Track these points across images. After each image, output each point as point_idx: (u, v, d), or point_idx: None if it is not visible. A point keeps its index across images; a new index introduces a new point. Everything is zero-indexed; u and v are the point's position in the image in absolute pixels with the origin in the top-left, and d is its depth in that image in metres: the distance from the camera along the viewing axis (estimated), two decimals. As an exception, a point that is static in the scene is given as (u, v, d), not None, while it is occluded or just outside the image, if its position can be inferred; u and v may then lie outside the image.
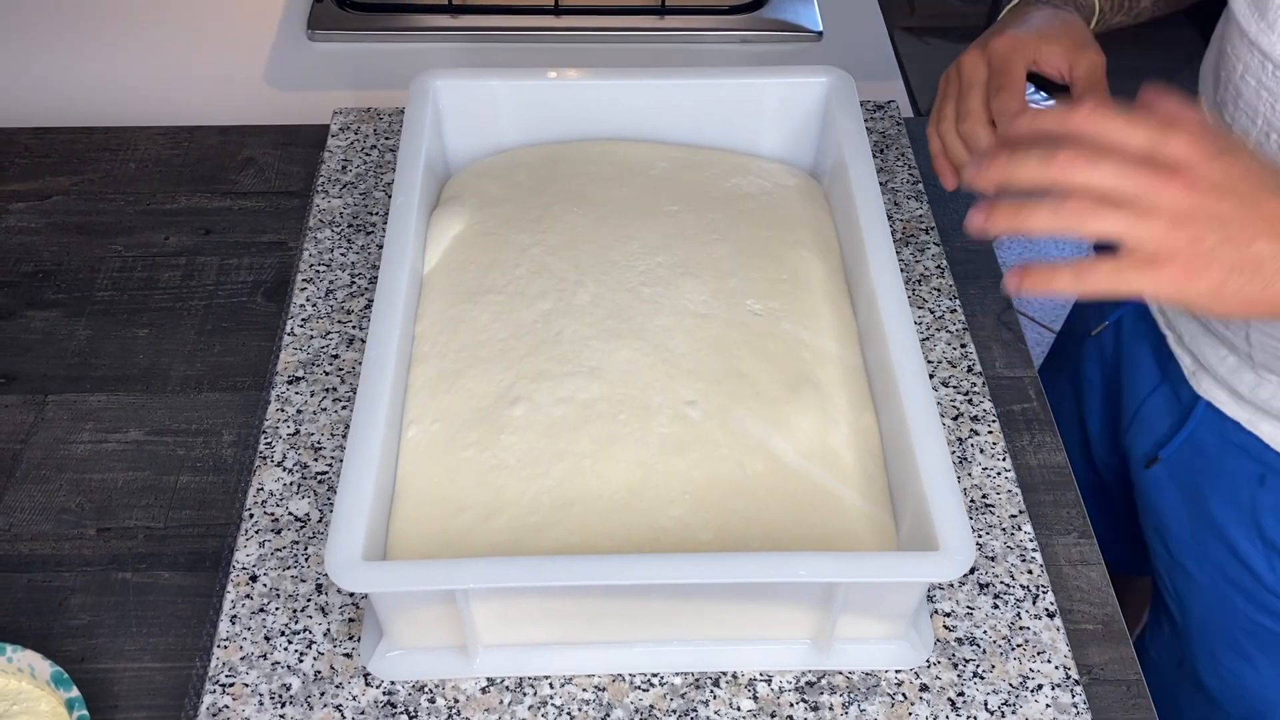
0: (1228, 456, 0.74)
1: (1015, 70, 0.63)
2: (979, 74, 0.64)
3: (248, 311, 0.78)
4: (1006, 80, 0.63)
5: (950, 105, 0.66)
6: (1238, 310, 0.49)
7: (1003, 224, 0.49)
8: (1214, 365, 0.73)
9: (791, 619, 0.58)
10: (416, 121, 0.73)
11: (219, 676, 0.59)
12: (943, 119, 0.66)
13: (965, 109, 0.64)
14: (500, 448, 0.61)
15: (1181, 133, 0.47)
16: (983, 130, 0.63)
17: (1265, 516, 0.73)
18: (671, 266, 0.70)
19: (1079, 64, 0.64)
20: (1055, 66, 0.64)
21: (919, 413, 0.58)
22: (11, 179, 0.87)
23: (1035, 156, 0.48)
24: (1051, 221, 0.48)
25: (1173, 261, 0.47)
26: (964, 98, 0.64)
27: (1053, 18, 0.66)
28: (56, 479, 0.69)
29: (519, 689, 0.59)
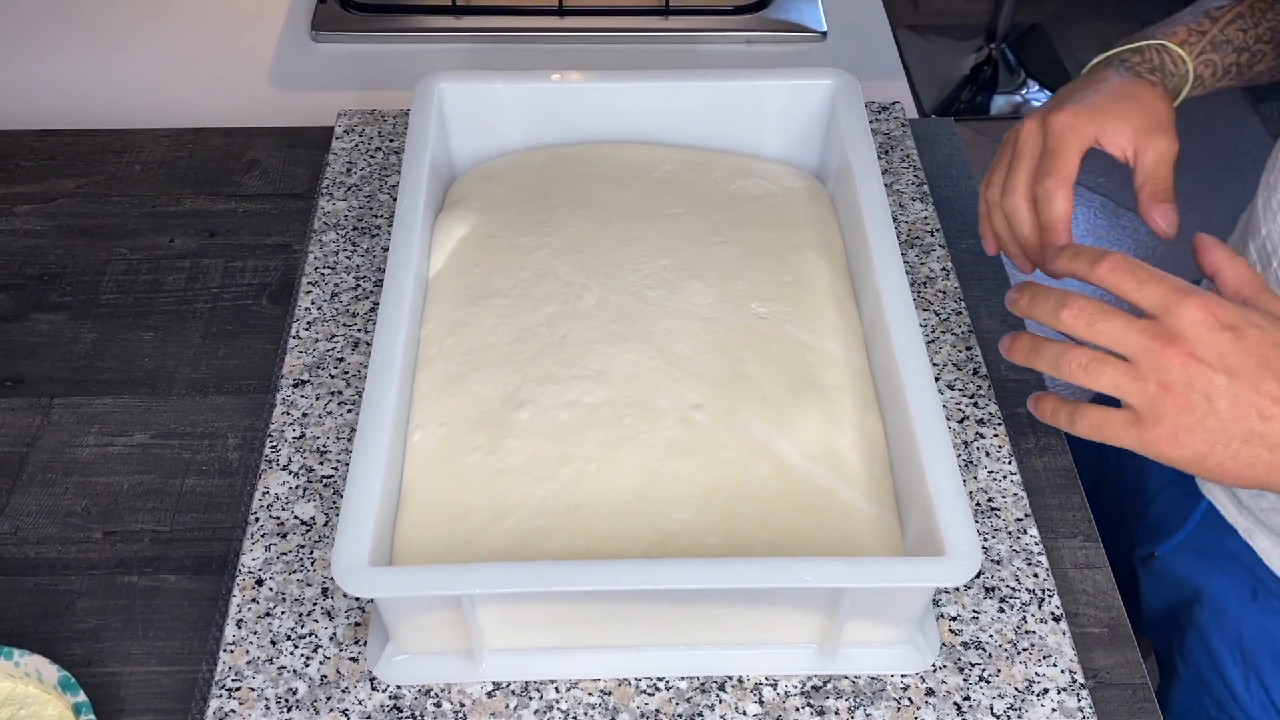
0: (1222, 565, 0.73)
1: (1067, 155, 0.61)
2: (1032, 147, 0.62)
3: (253, 314, 0.78)
4: (1054, 165, 0.61)
5: (1000, 173, 0.64)
6: (1220, 481, 0.51)
7: (1019, 356, 0.54)
8: None
9: (797, 623, 0.58)
10: (421, 124, 0.73)
11: (225, 680, 0.59)
12: (990, 185, 0.65)
13: (1011, 183, 0.63)
14: (506, 452, 0.61)
15: (1194, 301, 0.49)
16: (1024, 208, 0.62)
17: (1248, 633, 0.72)
18: (676, 269, 0.70)
19: (1146, 150, 0.61)
20: (1120, 148, 0.62)
21: (925, 416, 0.58)
22: (17, 181, 0.87)
23: (1052, 301, 0.52)
24: (1054, 370, 0.52)
25: (1159, 425, 0.50)
26: (1012, 169, 0.63)
27: (1128, 91, 0.63)
28: (62, 482, 0.69)
29: (525, 693, 0.59)
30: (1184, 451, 0.50)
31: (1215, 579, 0.74)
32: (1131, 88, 0.63)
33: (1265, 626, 0.71)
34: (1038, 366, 0.53)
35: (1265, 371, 0.48)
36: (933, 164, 0.89)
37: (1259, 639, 0.71)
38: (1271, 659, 0.71)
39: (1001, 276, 0.81)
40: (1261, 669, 0.72)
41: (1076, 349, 0.51)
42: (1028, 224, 0.62)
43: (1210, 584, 0.74)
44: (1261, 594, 0.71)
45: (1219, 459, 0.49)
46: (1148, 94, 0.63)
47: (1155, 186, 0.61)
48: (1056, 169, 0.61)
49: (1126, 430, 0.51)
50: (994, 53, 2.39)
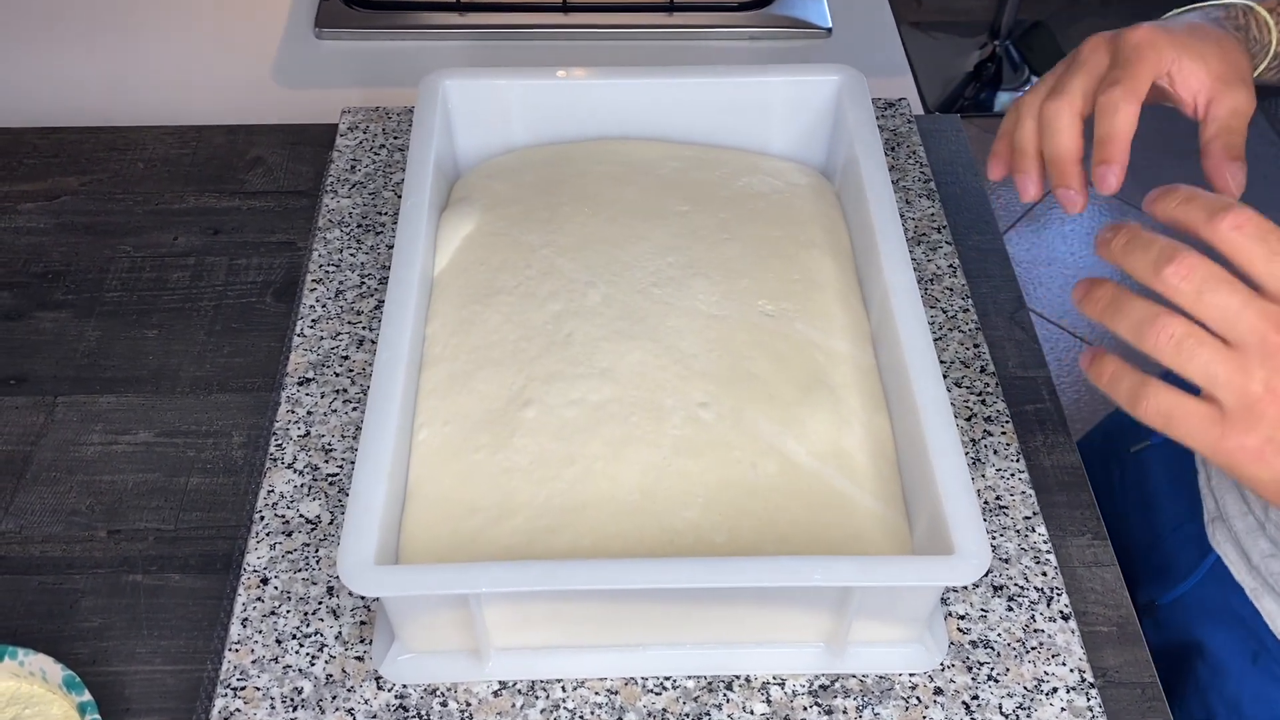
0: (1225, 623, 0.70)
1: (1141, 69, 0.51)
2: (1097, 59, 0.53)
3: (257, 312, 0.78)
4: (1126, 75, 0.51)
5: (1050, 80, 0.54)
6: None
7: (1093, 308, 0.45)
8: (1232, 520, 0.68)
9: (805, 622, 0.58)
10: (426, 122, 0.73)
11: (230, 680, 0.59)
12: (1034, 91, 0.55)
13: (1062, 87, 0.53)
14: (512, 450, 0.61)
15: None
16: (1068, 117, 0.52)
17: (1246, 696, 0.69)
18: (682, 267, 0.70)
19: (1222, 99, 0.52)
20: (1191, 90, 0.53)
21: (933, 414, 0.58)
22: (20, 179, 0.87)
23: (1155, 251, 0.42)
24: (1135, 336, 0.43)
25: (1248, 434, 0.42)
26: (1067, 75, 0.53)
27: (1212, 35, 0.54)
28: (67, 481, 0.69)
29: (531, 692, 0.59)
30: (1266, 472, 0.42)
31: (1217, 636, 0.71)
32: (1215, 33, 0.54)
33: (1265, 692, 0.68)
34: (1114, 327, 0.43)
35: None
36: (939, 160, 0.88)
37: (1257, 704, 0.69)
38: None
39: (1009, 274, 0.81)
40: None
41: (1171, 316, 0.42)
42: (1068, 134, 0.52)
43: (1211, 641, 0.71)
44: (1263, 657, 0.68)
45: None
46: (1231, 44, 0.54)
47: (1229, 140, 0.51)
48: (1127, 79, 0.51)
49: (1205, 429, 0.42)
50: (998, 49, 2.38)
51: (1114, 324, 0.44)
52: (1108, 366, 0.45)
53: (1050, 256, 2.12)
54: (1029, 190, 0.54)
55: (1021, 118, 0.54)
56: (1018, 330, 0.78)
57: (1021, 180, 0.54)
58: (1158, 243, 0.43)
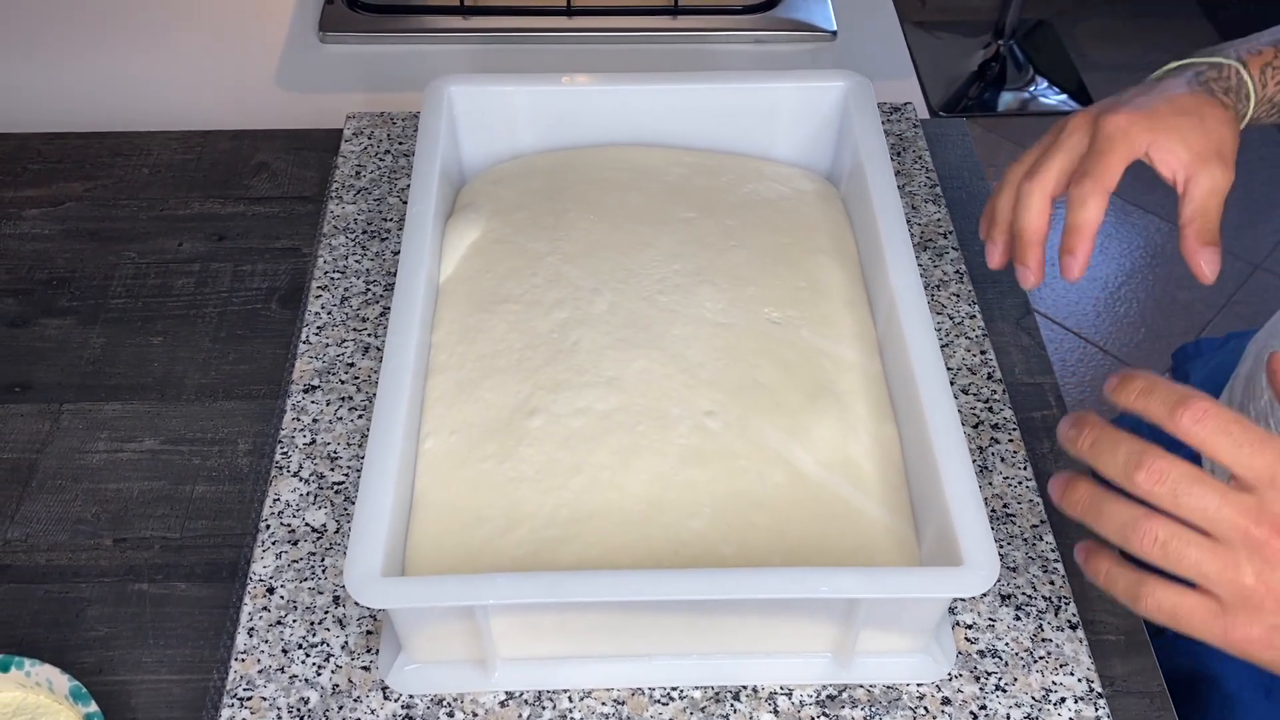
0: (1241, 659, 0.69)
1: (1112, 160, 0.55)
2: (1076, 141, 0.57)
3: (262, 319, 0.78)
4: (1096, 166, 0.54)
5: (1033, 155, 0.58)
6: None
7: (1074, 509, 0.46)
8: None
9: (812, 633, 0.58)
10: (431, 128, 0.72)
11: (236, 690, 0.59)
12: (1018, 164, 0.59)
13: (1039, 167, 0.57)
14: (518, 459, 0.61)
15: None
16: (1038, 198, 0.56)
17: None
18: (688, 274, 0.70)
19: (1198, 179, 0.55)
20: (1170, 169, 0.55)
21: (941, 423, 0.58)
22: (24, 185, 0.86)
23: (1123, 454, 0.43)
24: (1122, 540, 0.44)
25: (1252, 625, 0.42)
26: (1047, 155, 0.57)
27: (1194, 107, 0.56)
28: (72, 489, 0.69)
29: (538, 703, 0.59)
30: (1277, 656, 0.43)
31: (1230, 667, 0.69)
32: (1198, 104, 0.56)
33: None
34: (1097, 529, 0.45)
35: None
36: (945, 165, 0.88)
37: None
38: None
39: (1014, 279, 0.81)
40: None
41: (1152, 519, 0.43)
42: (1035, 214, 0.56)
43: (1225, 672, 0.70)
44: (1277, 693, 0.67)
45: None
46: (1214, 115, 0.56)
47: (1203, 225, 0.55)
48: (1098, 172, 0.55)
49: (1210, 623, 0.43)
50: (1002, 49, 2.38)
51: (1097, 526, 0.45)
52: (1103, 564, 0.46)
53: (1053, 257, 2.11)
54: (992, 259, 0.60)
55: (1003, 189, 0.59)
56: (1024, 336, 0.78)
57: (989, 249, 0.60)
58: (1123, 445, 0.44)
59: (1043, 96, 2.35)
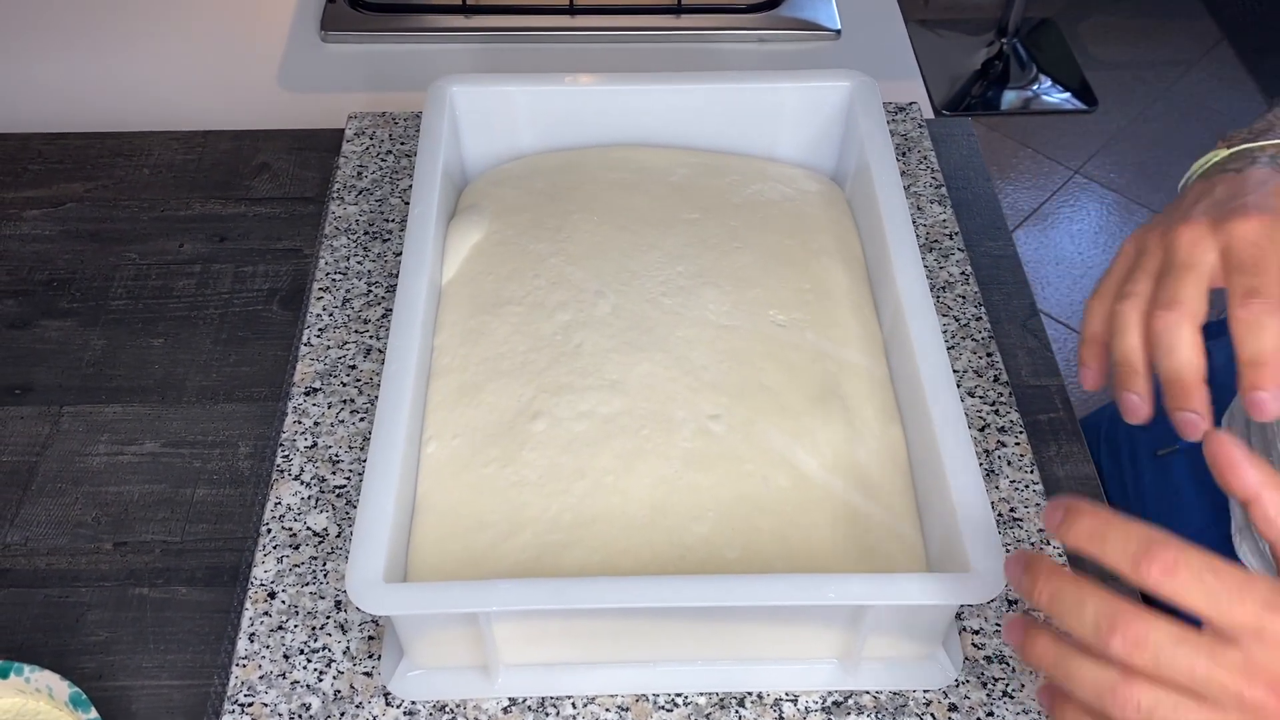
0: None
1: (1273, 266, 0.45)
2: (1202, 256, 0.46)
3: (263, 320, 0.77)
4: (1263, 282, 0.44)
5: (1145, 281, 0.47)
6: None
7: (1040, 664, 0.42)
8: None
9: (818, 639, 0.57)
10: (434, 128, 0.72)
11: (238, 696, 0.59)
12: (1127, 295, 0.48)
13: (1170, 296, 0.46)
14: (521, 464, 0.60)
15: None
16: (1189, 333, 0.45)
17: None
18: (692, 276, 0.69)
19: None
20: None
21: (948, 427, 0.57)
22: (25, 185, 0.86)
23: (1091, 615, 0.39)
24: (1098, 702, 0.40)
25: None
26: (1170, 279, 0.47)
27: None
28: (72, 492, 0.69)
29: (541, 709, 0.58)
30: None
31: None
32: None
33: None
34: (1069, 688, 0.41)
35: None
36: (950, 165, 0.88)
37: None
38: None
39: (1021, 280, 0.80)
40: None
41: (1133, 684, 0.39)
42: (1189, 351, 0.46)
43: None
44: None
45: None
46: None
47: None
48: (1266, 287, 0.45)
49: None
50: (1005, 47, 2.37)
51: (1068, 686, 0.41)
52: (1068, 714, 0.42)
53: (1058, 256, 2.11)
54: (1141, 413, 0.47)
55: (1122, 328, 0.48)
56: (1030, 338, 0.77)
57: (1131, 402, 0.47)
58: (1089, 602, 0.40)
59: (1046, 95, 2.35)
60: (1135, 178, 2.22)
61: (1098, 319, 0.49)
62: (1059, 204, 2.20)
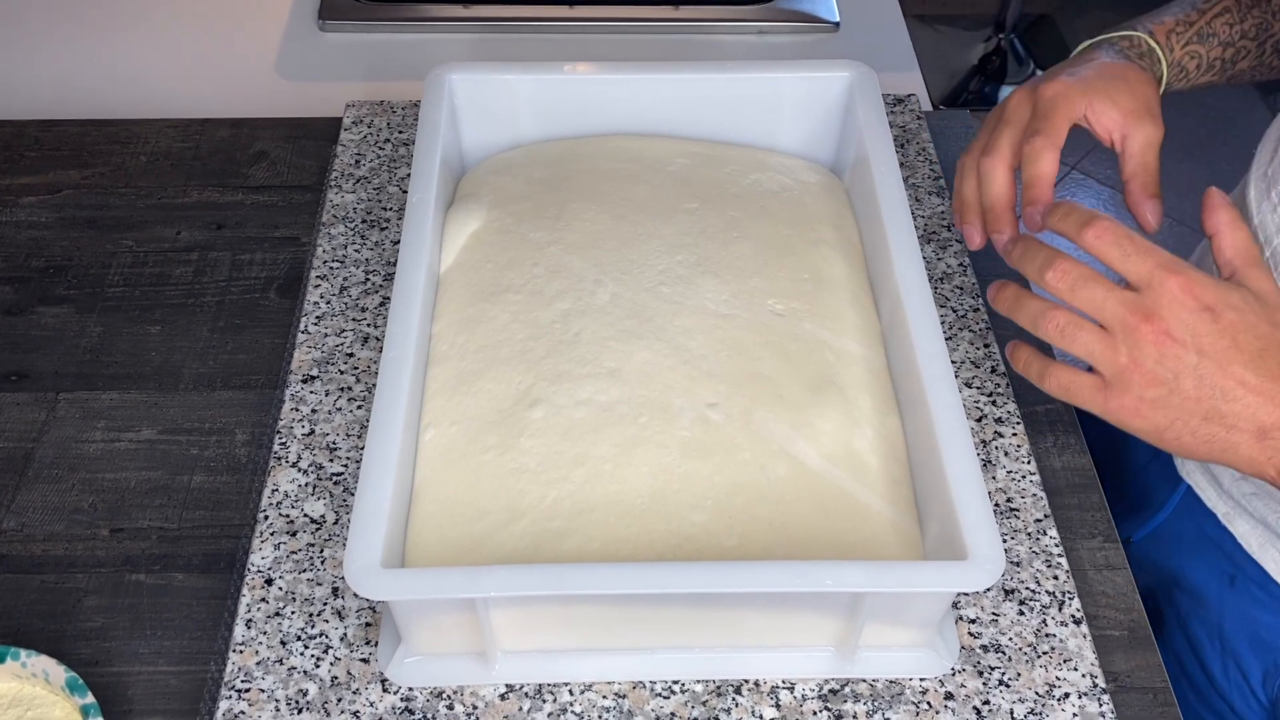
0: (1200, 551, 0.72)
1: (1057, 119, 0.59)
2: (1020, 114, 0.61)
3: (261, 308, 0.77)
4: (1045, 125, 0.59)
5: (982, 139, 0.63)
6: (1177, 453, 0.52)
7: (1002, 305, 0.55)
8: None
9: (815, 626, 0.57)
10: (432, 116, 0.72)
11: (235, 681, 0.59)
12: (970, 150, 0.63)
13: (993, 144, 0.61)
14: (520, 451, 0.60)
15: (1176, 281, 0.49)
16: (1001, 171, 0.60)
17: (1228, 619, 0.71)
18: (691, 265, 0.69)
19: (1133, 135, 0.60)
20: (1106, 129, 0.61)
21: (946, 417, 0.58)
22: (21, 172, 0.86)
23: (1041, 258, 0.52)
24: (1032, 326, 0.53)
25: (1124, 395, 0.50)
26: (996, 134, 0.61)
27: (1118, 72, 0.62)
28: (69, 479, 0.68)
29: (538, 695, 0.58)
30: (1144, 424, 0.51)
31: (1193, 565, 0.73)
32: (1121, 69, 0.62)
33: (1244, 613, 0.70)
34: (1017, 319, 0.54)
35: (1235, 354, 0.49)
36: (949, 157, 0.88)
37: (1238, 626, 0.70)
38: (1251, 646, 0.70)
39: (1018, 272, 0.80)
40: (1241, 656, 0.70)
41: (1057, 310, 0.52)
42: (1000, 185, 0.61)
43: (1188, 571, 0.73)
44: (1240, 580, 0.70)
45: (1177, 433, 0.51)
46: (1136, 77, 0.62)
47: (1145, 179, 0.60)
48: (1046, 129, 0.59)
49: (1093, 395, 0.52)
50: (1003, 43, 2.37)
51: (1017, 317, 0.54)
52: (1022, 353, 0.55)
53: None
54: (972, 240, 0.62)
55: (964, 175, 0.62)
56: (1028, 330, 0.77)
57: (967, 231, 0.62)
58: (1044, 251, 0.53)
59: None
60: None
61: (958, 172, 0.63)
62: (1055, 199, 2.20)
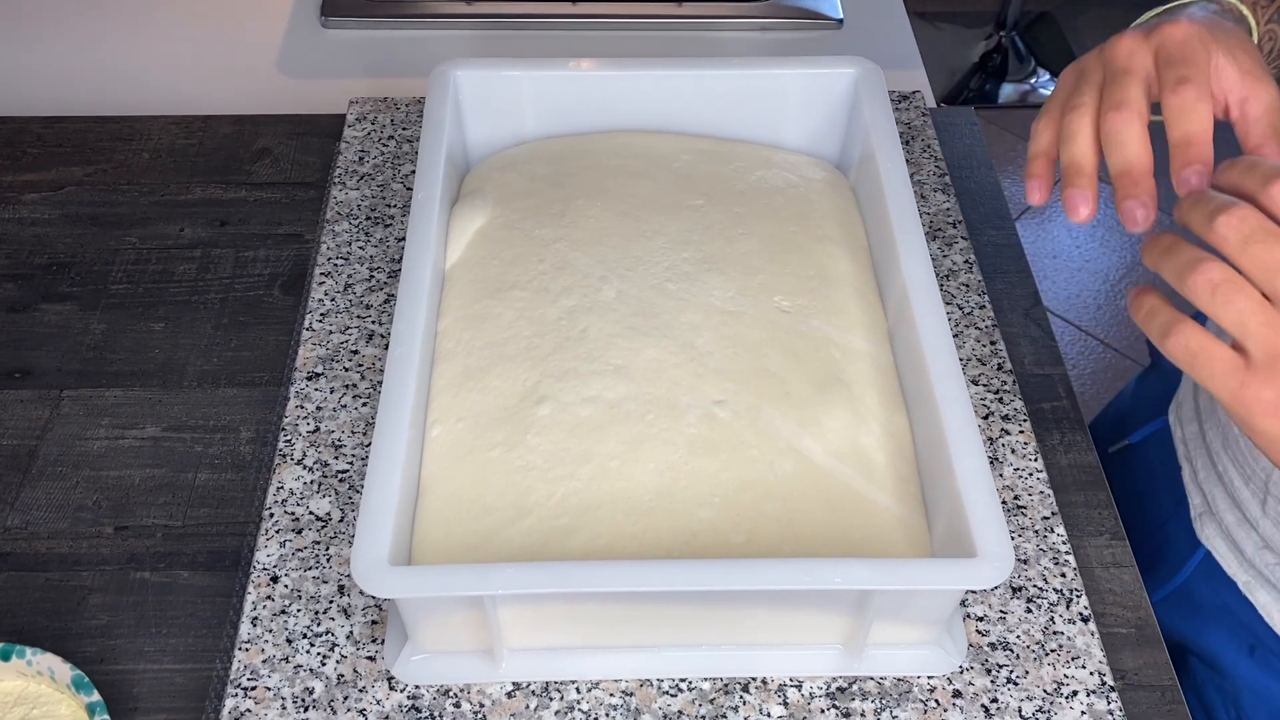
0: (1219, 618, 0.69)
1: (1199, 64, 0.48)
2: (1141, 62, 0.49)
3: (265, 305, 0.77)
4: (1192, 72, 0.47)
5: (1090, 92, 0.50)
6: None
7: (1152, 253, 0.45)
8: (1222, 513, 0.68)
9: (823, 624, 0.57)
10: (437, 113, 0.72)
11: (240, 680, 0.59)
12: (1074, 107, 0.49)
13: (1119, 97, 0.48)
14: (526, 448, 0.60)
15: None
16: (1138, 128, 0.47)
17: (1244, 690, 0.69)
18: (697, 262, 0.69)
19: (1257, 97, 0.49)
20: (1221, 90, 0.49)
21: (954, 414, 0.57)
22: (24, 169, 0.85)
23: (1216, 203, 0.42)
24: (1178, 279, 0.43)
25: (1268, 387, 0.42)
26: (1115, 85, 0.49)
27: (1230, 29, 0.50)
28: (73, 476, 0.68)
29: (545, 693, 0.58)
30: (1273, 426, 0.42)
31: (1211, 632, 0.70)
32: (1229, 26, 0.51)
33: (1263, 686, 0.68)
34: (1162, 272, 0.44)
35: None
36: (953, 154, 0.87)
37: (1255, 698, 0.68)
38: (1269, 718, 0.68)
39: (1024, 269, 0.80)
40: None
41: (1214, 263, 0.42)
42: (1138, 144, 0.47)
43: (1206, 637, 0.71)
44: (1260, 651, 0.68)
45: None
46: (1244, 36, 0.51)
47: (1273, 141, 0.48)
48: (1194, 76, 0.47)
49: (1227, 374, 0.42)
50: (1004, 40, 2.37)
51: (1162, 266, 0.44)
52: (1146, 302, 0.45)
53: (1055, 249, 2.11)
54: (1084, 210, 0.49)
55: (1071, 135, 0.49)
56: (1034, 327, 0.77)
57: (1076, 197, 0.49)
58: (1220, 197, 0.43)
59: (1044, 88, 2.34)
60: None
61: (1046, 135, 0.51)
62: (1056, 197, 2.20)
